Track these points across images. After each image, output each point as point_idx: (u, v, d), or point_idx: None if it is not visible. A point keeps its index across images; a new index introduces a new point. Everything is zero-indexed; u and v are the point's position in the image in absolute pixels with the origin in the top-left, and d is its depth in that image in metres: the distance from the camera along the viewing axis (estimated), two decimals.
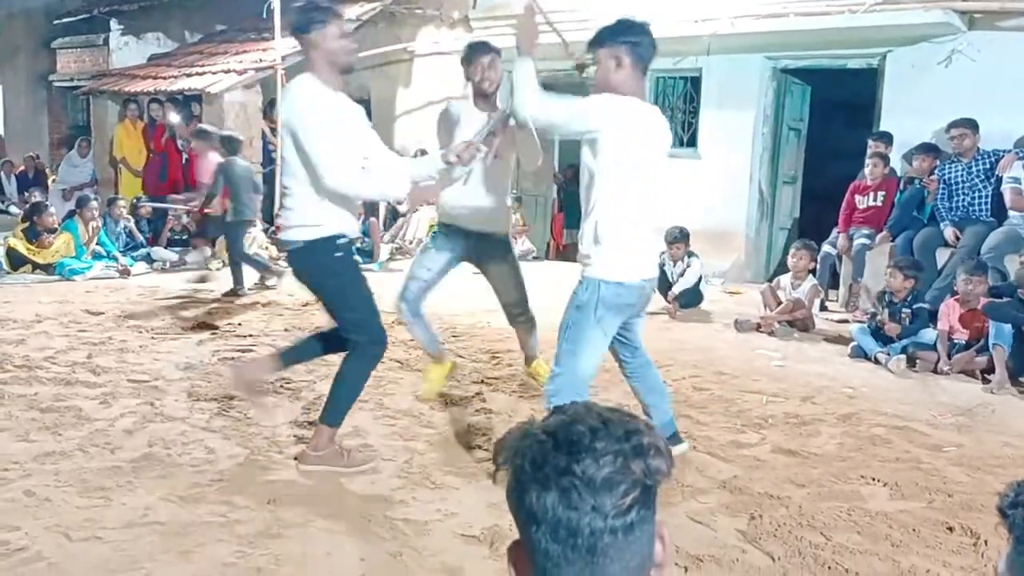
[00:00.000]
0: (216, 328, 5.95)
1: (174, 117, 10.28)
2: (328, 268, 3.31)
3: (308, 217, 3.26)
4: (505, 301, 4.24)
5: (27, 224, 8.20)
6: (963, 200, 6.61)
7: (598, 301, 3.07)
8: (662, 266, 7.04)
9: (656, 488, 0.96)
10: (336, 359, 3.50)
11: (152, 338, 5.61)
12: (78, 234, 8.19)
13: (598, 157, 3.06)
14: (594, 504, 0.92)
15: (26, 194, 10.57)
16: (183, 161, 10.22)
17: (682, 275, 6.93)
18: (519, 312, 4.24)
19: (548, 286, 5.55)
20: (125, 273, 8.12)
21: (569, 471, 0.93)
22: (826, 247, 7.43)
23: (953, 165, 6.67)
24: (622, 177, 3.06)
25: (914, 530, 3.03)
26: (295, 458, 3.49)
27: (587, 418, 0.97)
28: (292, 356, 3.67)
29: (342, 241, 3.31)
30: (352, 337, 3.36)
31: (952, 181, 6.66)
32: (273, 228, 9.31)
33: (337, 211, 3.28)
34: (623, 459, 0.94)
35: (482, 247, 4.15)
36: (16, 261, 7.99)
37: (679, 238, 6.98)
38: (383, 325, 3.42)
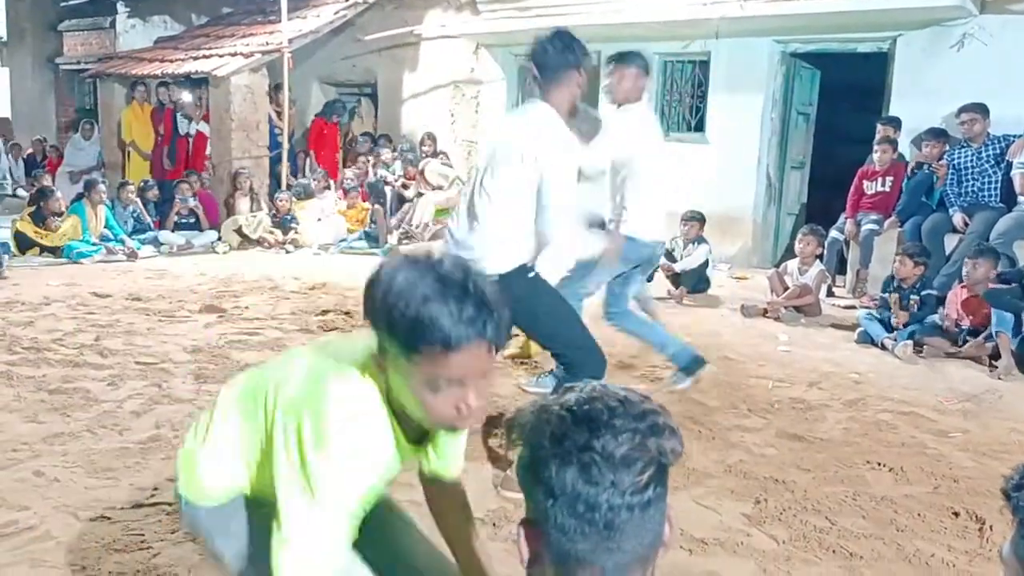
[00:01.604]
0: (223, 311, 5.97)
1: (186, 97, 10.26)
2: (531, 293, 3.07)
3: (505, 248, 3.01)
4: None
5: (34, 208, 8.23)
6: (972, 186, 6.57)
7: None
8: (671, 250, 7.04)
9: (668, 468, 0.97)
10: None
11: (159, 321, 5.63)
12: (85, 217, 8.21)
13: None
14: (613, 480, 0.93)
15: (33, 176, 10.58)
16: (188, 144, 10.23)
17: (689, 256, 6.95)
18: None
19: (553, 269, 5.57)
20: (132, 256, 8.14)
21: (589, 447, 0.94)
22: (833, 232, 7.40)
23: (963, 150, 6.62)
24: None
25: (919, 515, 3.03)
26: (495, 485, 3.19)
27: (604, 396, 0.98)
28: None
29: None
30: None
31: (962, 166, 6.61)
32: (274, 211, 9.33)
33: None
34: (640, 437, 0.95)
35: None
36: (24, 244, 8.03)
37: (696, 218, 7.00)
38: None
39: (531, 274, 3.09)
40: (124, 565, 2.52)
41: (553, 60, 3.01)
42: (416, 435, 1.52)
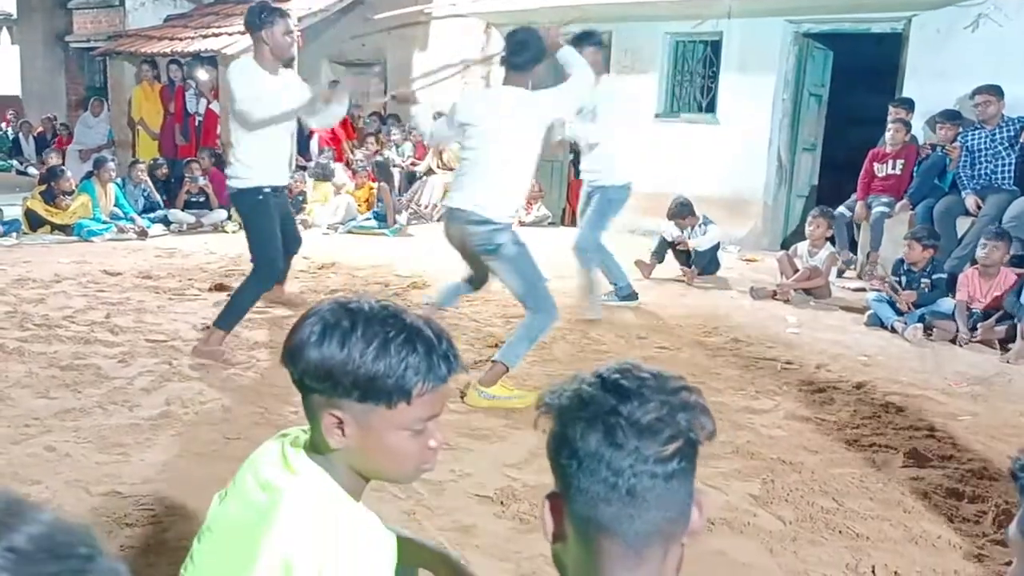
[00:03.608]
0: (232, 290, 5.97)
1: (202, 74, 10.24)
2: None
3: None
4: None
5: (45, 187, 8.26)
6: (986, 168, 6.51)
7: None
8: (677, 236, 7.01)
9: (698, 446, 0.98)
10: None
11: (169, 299, 5.66)
12: (96, 195, 8.24)
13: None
14: (637, 446, 0.94)
15: (43, 155, 10.60)
16: (197, 122, 10.22)
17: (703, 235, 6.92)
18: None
19: (563, 251, 5.56)
20: (142, 235, 8.17)
21: (616, 411, 0.95)
22: (841, 208, 7.38)
23: (976, 132, 6.56)
24: None
25: (926, 497, 3.03)
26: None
27: (637, 370, 1.00)
28: None
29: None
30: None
31: (975, 149, 6.55)
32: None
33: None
34: (669, 409, 0.96)
35: None
36: (35, 222, 8.06)
37: (679, 212, 6.92)
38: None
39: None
40: (135, 539, 2.55)
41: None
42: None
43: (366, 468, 1.33)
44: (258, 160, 4.44)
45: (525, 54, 3.76)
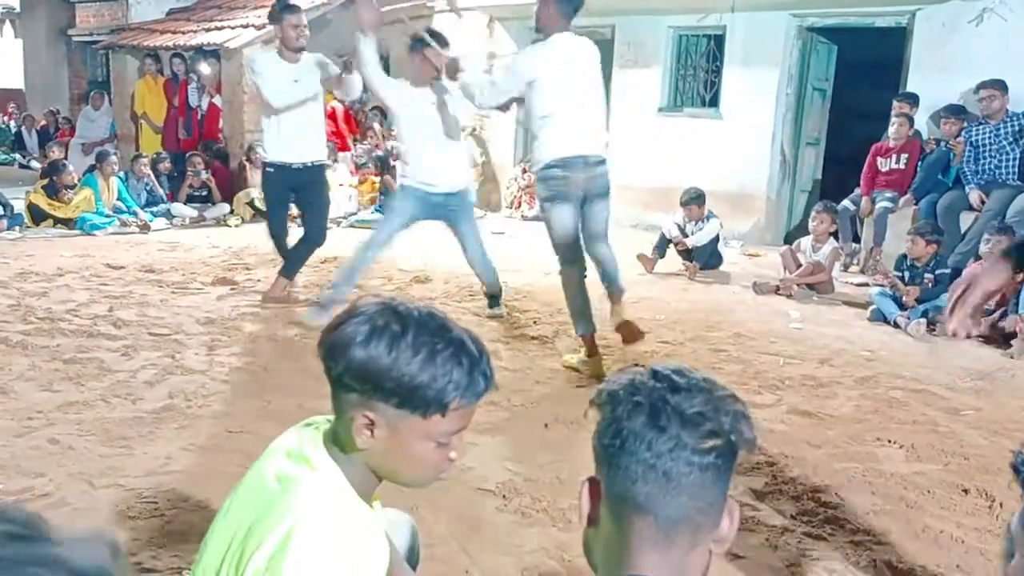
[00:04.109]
0: (235, 283, 5.99)
1: (205, 68, 10.22)
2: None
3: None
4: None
5: (47, 181, 8.27)
6: (990, 163, 6.50)
7: None
8: (683, 226, 7.01)
9: (737, 451, 1.01)
10: None
11: (172, 293, 5.66)
12: (98, 189, 8.24)
13: None
14: (679, 432, 0.99)
15: (46, 149, 10.61)
16: (199, 116, 10.21)
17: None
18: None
19: None
20: (145, 228, 8.17)
21: (664, 399, 1.00)
22: (845, 202, 7.37)
23: (981, 127, 6.54)
24: None
25: (929, 491, 3.03)
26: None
27: (690, 372, 1.05)
28: None
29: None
30: None
31: (979, 143, 6.54)
32: None
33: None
34: (714, 407, 1.00)
35: None
36: (38, 216, 8.07)
37: (692, 200, 6.94)
38: None
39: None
40: (138, 532, 2.55)
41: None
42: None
43: (384, 470, 1.34)
44: (268, 140, 5.27)
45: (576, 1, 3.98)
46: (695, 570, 1.04)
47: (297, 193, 5.43)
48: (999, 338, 5.14)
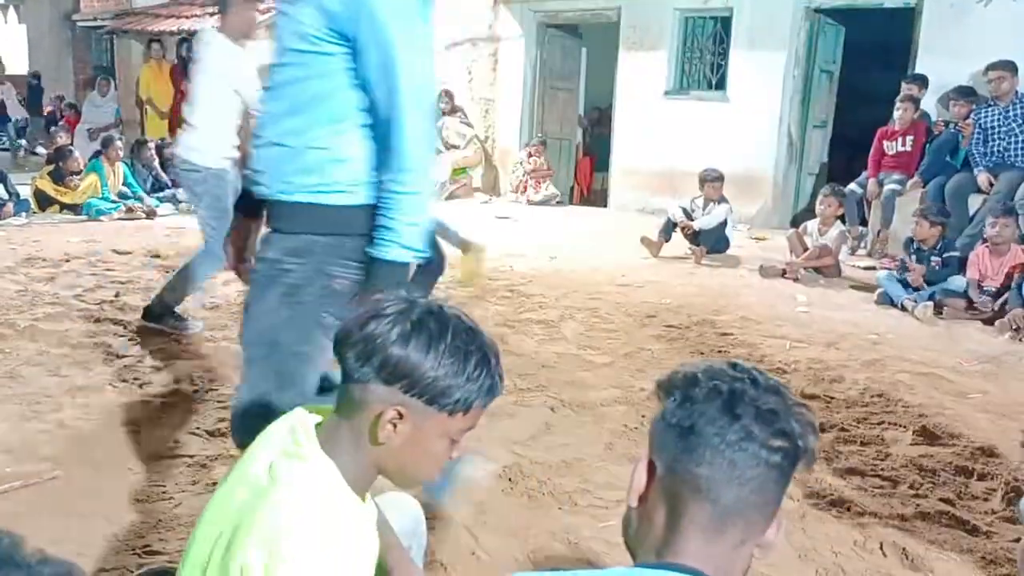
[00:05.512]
0: (241, 266, 5.98)
1: None
2: None
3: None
4: None
5: (53, 167, 8.28)
6: (999, 145, 6.45)
7: None
8: (689, 211, 6.99)
9: (799, 460, 1.02)
10: None
11: None
12: (104, 175, 8.25)
13: None
14: (751, 424, 1.00)
15: (52, 134, 10.60)
16: None
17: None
18: None
19: (572, 230, 5.54)
20: (151, 214, 8.18)
21: (743, 391, 1.01)
22: (852, 185, 7.34)
23: (990, 109, 6.49)
24: None
25: (935, 474, 3.02)
26: None
27: (768, 377, 1.06)
28: None
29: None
30: None
31: (988, 125, 6.49)
32: None
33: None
34: (786, 409, 1.02)
35: None
36: (44, 201, 8.09)
37: (716, 179, 6.94)
38: None
39: None
40: (146, 515, 2.56)
41: None
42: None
43: (392, 465, 1.34)
44: None
45: None
46: (738, 568, 1.04)
47: None
48: (993, 319, 5.13)
